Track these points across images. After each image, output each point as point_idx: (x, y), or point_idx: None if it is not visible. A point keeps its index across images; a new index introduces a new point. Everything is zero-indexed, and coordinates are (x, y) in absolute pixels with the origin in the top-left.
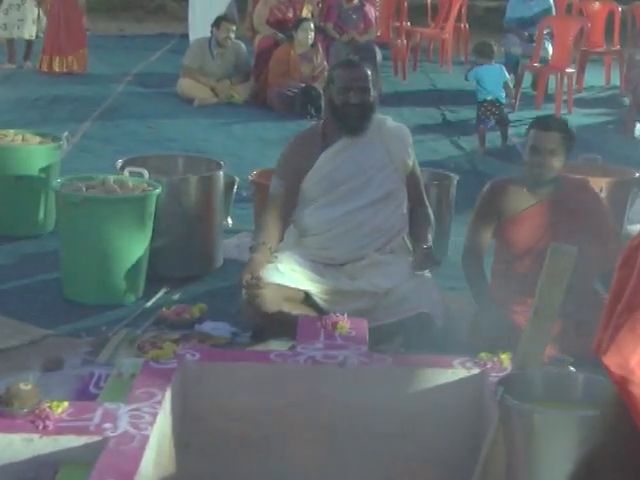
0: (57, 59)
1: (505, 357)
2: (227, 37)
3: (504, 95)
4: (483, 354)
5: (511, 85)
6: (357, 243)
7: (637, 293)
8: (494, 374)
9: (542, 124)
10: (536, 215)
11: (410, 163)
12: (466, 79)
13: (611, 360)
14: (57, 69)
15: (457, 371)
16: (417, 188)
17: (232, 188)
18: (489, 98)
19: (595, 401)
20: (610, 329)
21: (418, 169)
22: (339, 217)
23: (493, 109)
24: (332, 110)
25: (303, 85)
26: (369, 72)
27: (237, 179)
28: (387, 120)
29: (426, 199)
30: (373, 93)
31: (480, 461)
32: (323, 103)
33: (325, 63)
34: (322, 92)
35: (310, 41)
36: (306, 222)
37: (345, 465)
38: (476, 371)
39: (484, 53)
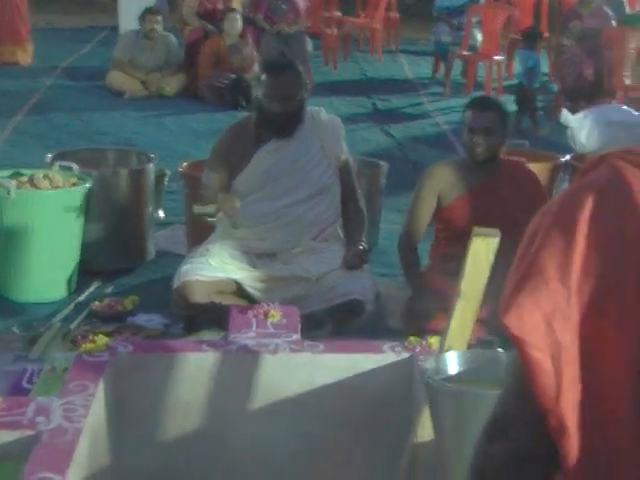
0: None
1: (434, 341)
2: (152, 29)
3: None
4: (412, 338)
5: None
6: (291, 235)
7: (537, 260)
8: (423, 357)
9: (478, 104)
10: (476, 198)
11: (343, 157)
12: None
13: (510, 321)
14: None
15: (387, 356)
16: (350, 181)
17: (163, 181)
18: None
19: None
20: (512, 292)
21: (351, 162)
22: (274, 211)
23: None
24: (260, 111)
25: (233, 76)
26: (295, 76)
27: (168, 172)
28: (320, 112)
29: (359, 192)
30: (300, 97)
31: (410, 443)
32: (253, 94)
33: (255, 54)
34: (252, 83)
35: (238, 32)
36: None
37: (282, 450)
38: (405, 355)
39: None
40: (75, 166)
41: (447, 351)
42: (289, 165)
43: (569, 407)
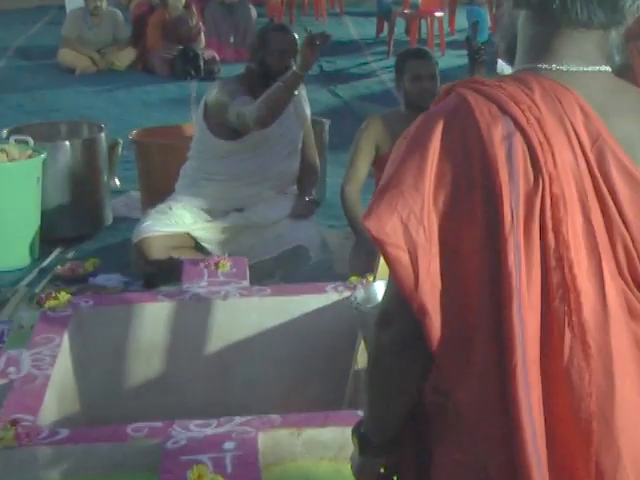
0: None
1: (372, 278)
2: (97, 6)
3: None
4: (353, 277)
5: None
6: (259, 190)
7: (395, 173)
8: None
9: (418, 53)
10: None
11: (307, 117)
12: None
13: (370, 225)
14: None
15: (330, 295)
16: (310, 140)
17: (116, 150)
18: None
19: None
20: (373, 201)
21: (309, 120)
22: (253, 168)
23: None
24: (264, 71)
25: (181, 47)
26: (296, 36)
27: (120, 141)
28: None
29: (315, 148)
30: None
31: (352, 370)
32: (202, 62)
33: (200, 24)
34: (199, 52)
35: (182, 3)
36: (213, 168)
37: (235, 390)
38: (348, 294)
39: None
40: (30, 139)
41: (376, 281)
42: (278, 127)
43: (428, 294)
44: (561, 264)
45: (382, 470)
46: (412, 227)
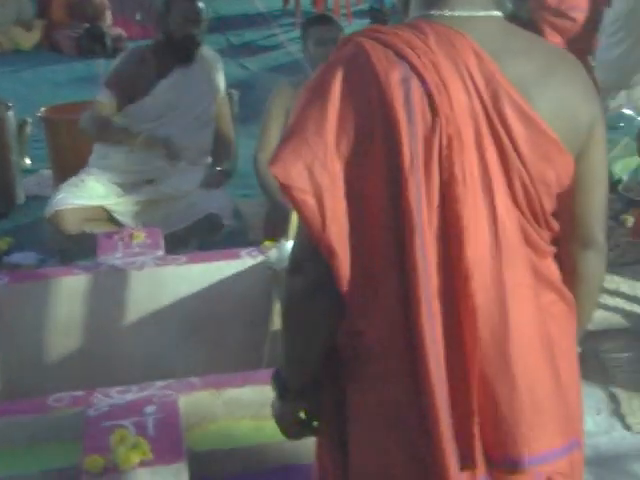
0: None
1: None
2: None
3: None
4: (267, 242)
5: None
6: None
7: (298, 121)
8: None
9: (321, 19)
10: None
11: (222, 89)
12: None
13: (277, 171)
14: None
15: (245, 260)
16: (226, 111)
17: (25, 129)
18: None
19: None
20: (278, 148)
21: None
22: (166, 139)
23: None
24: (169, 39)
25: (87, 25)
26: (202, 5)
27: (29, 120)
28: (204, 49)
29: (231, 121)
30: (203, 22)
31: (269, 330)
32: (108, 39)
33: (106, 1)
34: (105, 30)
35: None
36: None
37: (155, 359)
38: (262, 258)
39: None
40: None
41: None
42: (185, 96)
43: (335, 235)
44: (451, 202)
45: (302, 415)
46: (317, 171)
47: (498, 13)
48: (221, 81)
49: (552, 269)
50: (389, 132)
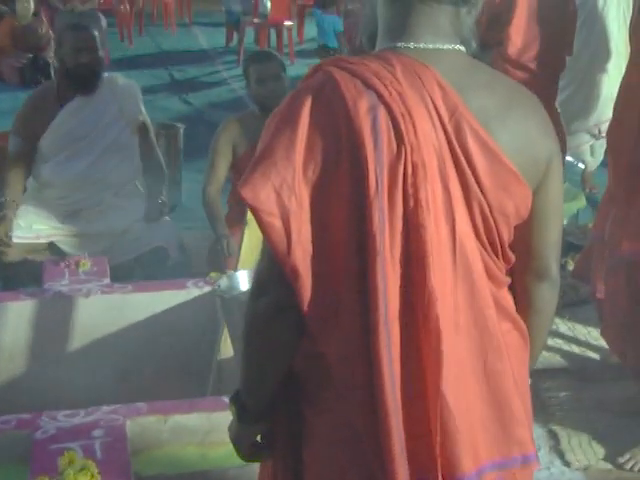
0: None
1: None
2: None
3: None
4: (213, 274)
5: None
6: (94, 191)
7: (268, 146)
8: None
9: (262, 56)
10: None
11: (140, 117)
12: None
13: (246, 194)
14: None
15: (191, 290)
16: (148, 139)
17: None
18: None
19: None
20: (248, 172)
21: (148, 122)
22: (78, 170)
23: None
24: (64, 71)
25: (31, 55)
26: (95, 33)
27: None
28: (118, 78)
29: (157, 149)
30: (101, 52)
31: (215, 359)
32: (52, 70)
33: (50, 32)
34: (50, 60)
35: (30, 12)
36: (46, 176)
37: (99, 387)
38: (208, 289)
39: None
40: None
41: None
42: (89, 125)
43: (299, 259)
44: (415, 228)
45: (259, 439)
46: (284, 195)
47: (461, 47)
48: (138, 108)
49: (508, 299)
50: (356, 158)
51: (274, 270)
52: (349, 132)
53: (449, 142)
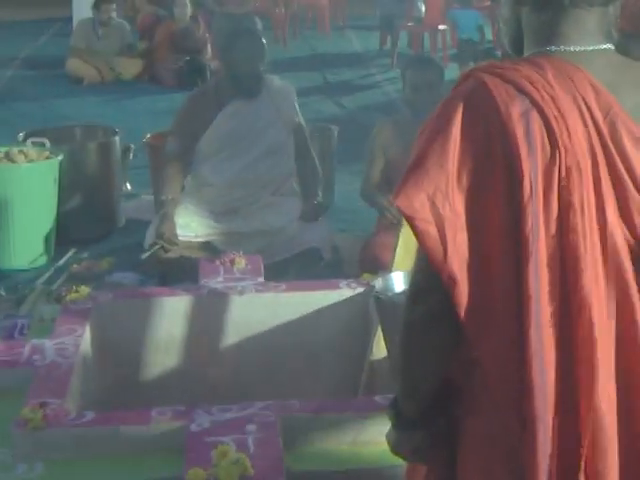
0: None
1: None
2: (109, 17)
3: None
4: (366, 275)
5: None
6: (252, 190)
7: (420, 154)
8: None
9: (420, 62)
10: None
11: (296, 118)
12: None
13: (400, 202)
14: None
15: (344, 291)
16: (303, 140)
17: (128, 155)
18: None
19: None
20: (401, 181)
21: (303, 123)
22: (237, 170)
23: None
24: (230, 76)
25: (188, 58)
26: (261, 40)
27: (132, 145)
28: (274, 80)
29: (312, 150)
30: (264, 58)
31: (367, 361)
32: (208, 72)
33: (207, 35)
34: (206, 63)
35: (187, 16)
36: (205, 175)
37: (250, 381)
38: (360, 290)
39: None
40: (47, 142)
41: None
42: (248, 125)
43: (456, 265)
44: (569, 232)
45: (418, 444)
46: (438, 202)
47: (610, 46)
48: (293, 109)
49: None
50: (510, 163)
51: (430, 278)
52: (502, 138)
53: (603, 143)
